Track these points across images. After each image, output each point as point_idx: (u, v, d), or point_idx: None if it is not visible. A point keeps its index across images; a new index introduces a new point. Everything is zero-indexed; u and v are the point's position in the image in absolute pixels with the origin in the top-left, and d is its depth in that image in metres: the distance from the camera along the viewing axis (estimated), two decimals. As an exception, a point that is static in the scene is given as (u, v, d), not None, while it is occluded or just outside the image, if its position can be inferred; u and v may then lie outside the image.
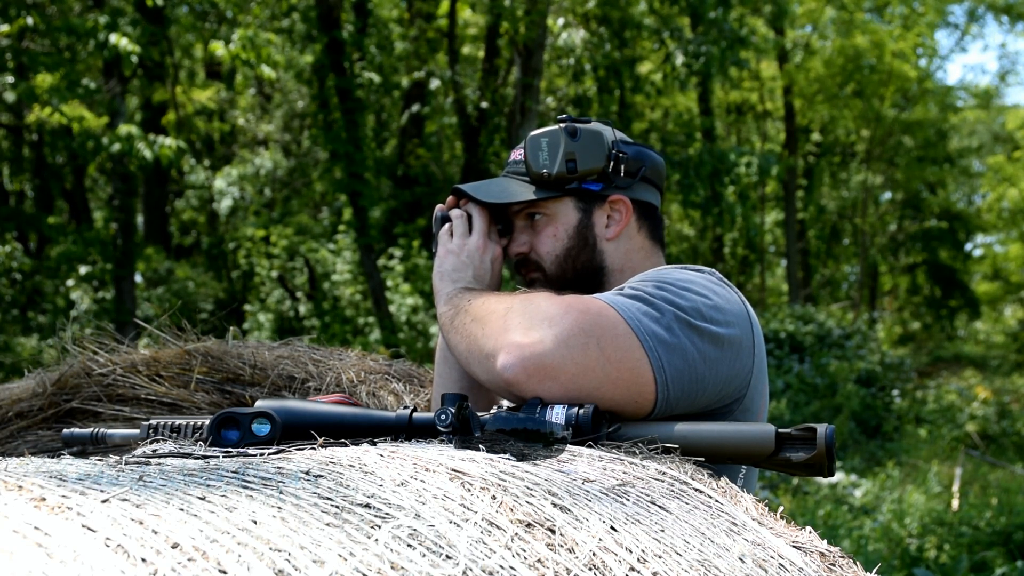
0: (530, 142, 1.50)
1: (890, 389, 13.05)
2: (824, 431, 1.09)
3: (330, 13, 11.03)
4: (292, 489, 0.76)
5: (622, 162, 1.51)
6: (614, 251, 1.54)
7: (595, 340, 1.18)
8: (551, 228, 1.52)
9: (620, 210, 1.53)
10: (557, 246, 1.52)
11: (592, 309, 1.21)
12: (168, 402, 2.12)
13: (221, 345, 2.25)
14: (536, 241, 1.53)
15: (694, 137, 15.86)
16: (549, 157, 1.48)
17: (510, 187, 1.52)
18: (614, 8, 12.21)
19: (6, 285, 11.67)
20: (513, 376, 1.17)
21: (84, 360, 2.17)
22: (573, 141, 1.48)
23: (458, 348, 1.32)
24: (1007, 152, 23.68)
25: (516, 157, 1.55)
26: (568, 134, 1.48)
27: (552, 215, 1.51)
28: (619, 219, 1.53)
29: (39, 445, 2.12)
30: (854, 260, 24.21)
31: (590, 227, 1.52)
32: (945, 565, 5.24)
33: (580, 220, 1.52)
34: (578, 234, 1.52)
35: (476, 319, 1.30)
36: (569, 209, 1.51)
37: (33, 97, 8.63)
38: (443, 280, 1.46)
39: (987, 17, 22.18)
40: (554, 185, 1.49)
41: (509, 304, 1.27)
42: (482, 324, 1.27)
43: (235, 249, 14.91)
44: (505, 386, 1.19)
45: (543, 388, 1.16)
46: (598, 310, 1.21)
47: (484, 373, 1.24)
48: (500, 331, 1.22)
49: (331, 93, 11.46)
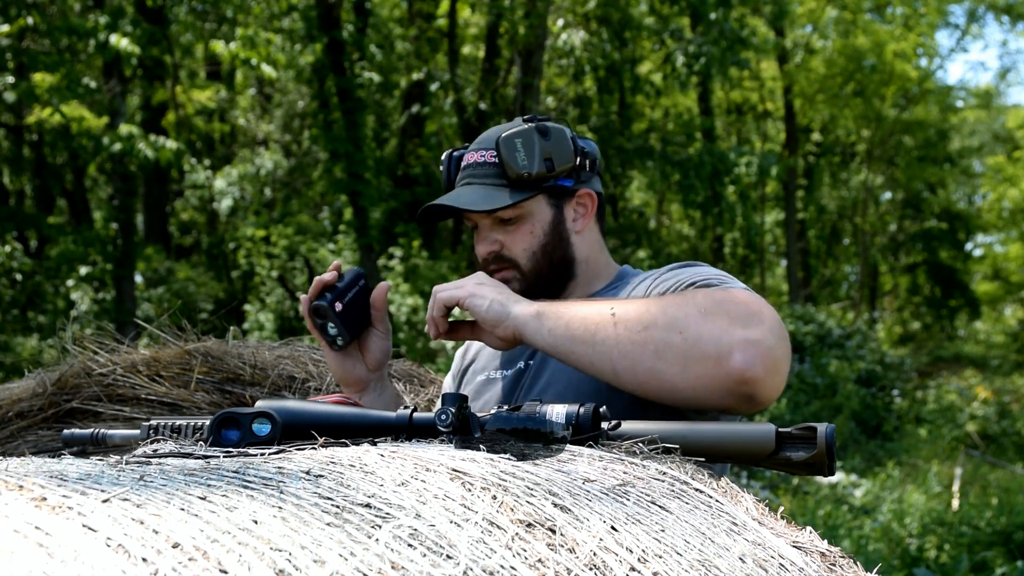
0: (504, 144, 1.49)
1: (890, 389, 13.05)
2: (824, 430, 1.09)
3: (330, 13, 11.03)
4: (293, 489, 0.76)
5: (587, 157, 1.55)
6: (581, 243, 1.58)
7: (784, 333, 1.25)
8: (527, 226, 1.53)
9: (586, 204, 1.58)
10: (534, 243, 1.53)
11: (763, 301, 1.27)
12: (168, 402, 2.12)
13: (221, 345, 2.25)
14: (510, 239, 1.53)
15: (694, 137, 15.86)
16: (527, 157, 1.49)
17: (483, 193, 1.51)
18: (614, 8, 12.21)
19: (6, 285, 11.67)
20: (754, 373, 1.18)
21: (84, 360, 2.17)
22: (546, 140, 1.50)
23: (634, 356, 1.25)
24: (1007, 152, 23.67)
25: (478, 159, 1.54)
26: (540, 133, 1.50)
27: (527, 213, 1.53)
28: (584, 212, 1.58)
29: (39, 445, 2.12)
30: (854, 260, 24.21)
31: (562, 222, 1.55)
32: (945, 565, 5.24)
33: (554, 216, 1.55)
34: (553, 230, 1.54)
35: (651, 324, 1.24)
36: (542, 206, 1.54)
37: (33, 97, 8.63)
38: (503, 305, 1.36)
39: (987, 17, 22.18)
40: (532, 184, 1.50)
41: (676, 303, 1.26)
42: (671, 328, 1.23)
43: (235, 249, 14.91)
44: (741, 384, 1.19)
45: (775, 383, 1.20)
46: (764, 303, 1.27)
47: (707, 375, 1.21)
48: (720, 330, 1.20)
49: (331, 93, 11.46)
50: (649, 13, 13.24)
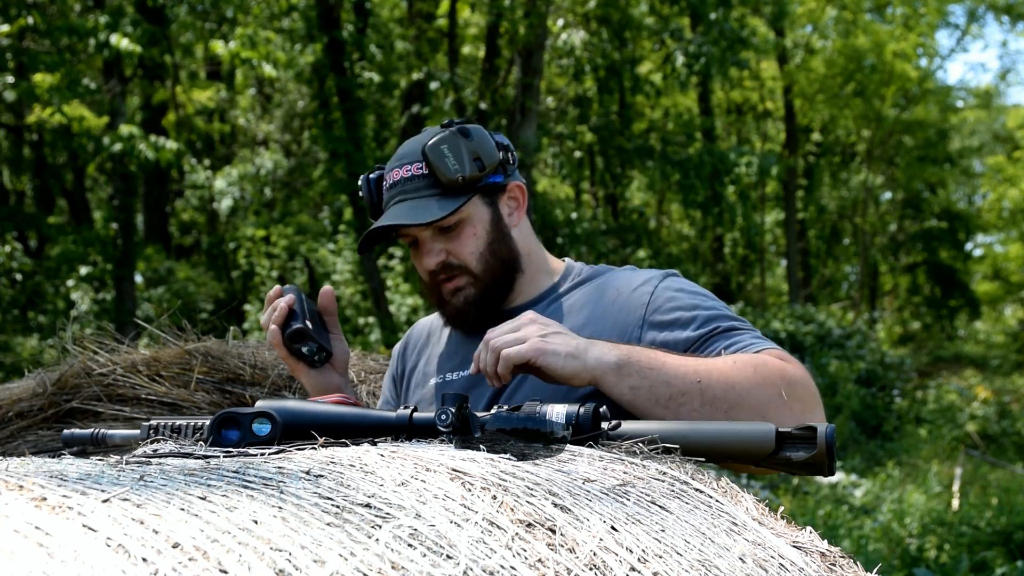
0: (432, 152, 1.48)
1: (890, 389, 13.06)
2: (824, 430, 1.09)
3: (330, 13, 11.03)
4: (293, 489, 0.76)
5: (508, 150, 1.55)
6: (520, 236, 1.59)
7: None
8: (469, 229, 1.52)
9: (517, 196, 1.59)
10: (480, 245, 1.53)
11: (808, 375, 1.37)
12: (168, 402, 2.13)
13: (221, 345, 2.25)
14: (455, 246, 1.52)
15: (694, 137, 15.86)
16: (457, 161, 1.48)
17: (421, 205, 1.49)
18: (614, 8, 12.21)
19: (6, 285, 11.66)
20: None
21: (84, 360, 2.17)
22: (470, 141, 1.50)
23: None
24: (1007, 152, 23.67)
25: (405, 175, 1.51)
26: (463, 135, 1.49)
27: (467, 217, 1.52)
28: (517, 205, 1.59)
29: (39, 445, 2.12)
30: (854, 260, 24.20)
31: (500, 219, 1.56)
32: (945, 565, 5.24)
33: (492, 214, 1.55)
34: (494, 228, 1.54)
35: (736, 405, 1.29)
36: (479, 207, 1.53)
37: (33, 97, 8.63)
38: (577, 359, 1.29)
39: (987, 17, 22.17)
40: (467, 187, 1.50)
41: (760, 383, 1.30)
42: (755, 413, 1.28)
43: (235, 249, 14.91)
44: None
45: None
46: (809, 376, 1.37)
47: None
48: (797, 417, 1.26)
49: (331, 93, 11.45)
50: (649, 13, 13.23)
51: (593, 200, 18.30)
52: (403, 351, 1.76)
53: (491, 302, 1.56)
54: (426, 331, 1.75)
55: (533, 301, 1.58)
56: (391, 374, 1.78)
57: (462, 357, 1.59)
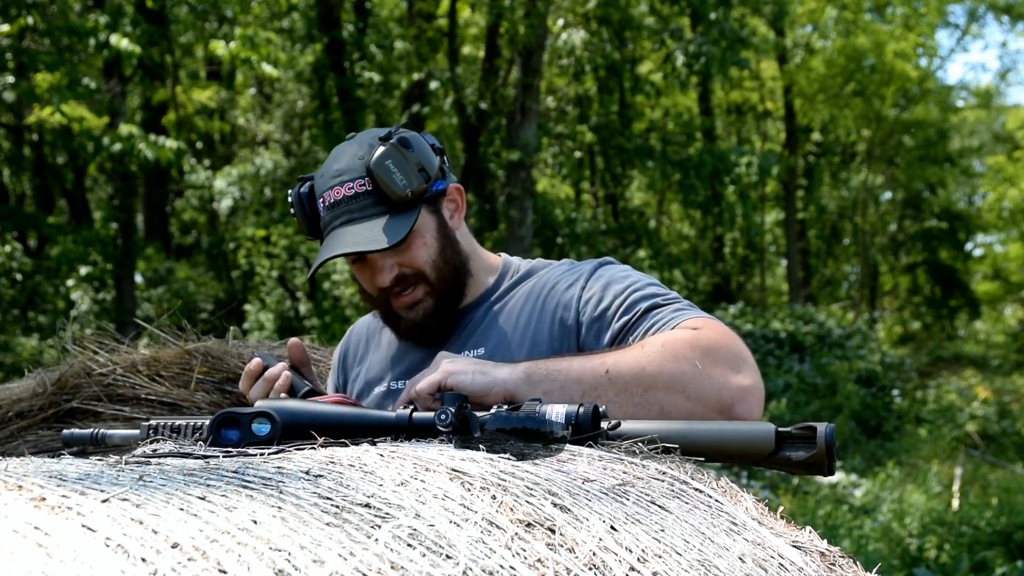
0: (378, 169, 1.45)
1: (890, 389, 13.05)
2: (824, 430, 1.09)
3: (330, 13, 11.03)
4: (292, 489, 0.76)
5: (442, 153, 1.55)
6: (463, 238, 1.59)
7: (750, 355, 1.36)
8: (419, 240, 1.51)
9: (456, 199, 1.58)
10: (432, 253, 1.52)
11: (730, 332, 1.37)
12: (168, 402, 2.13)
13: (221, 345, 2.25)
14: (408, 257, 1.51)
15: (694, 137, 15.86)
16: (404, 176, 1.46)
17: (373, 226, 1.46)
18: (614, 8, 12.20)
19: (6, 285, 11.66)
20: (754, 417, 1.29)
21: (84, 360, 2.17)
22: (412, 152, 1.47)
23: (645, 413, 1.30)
24: (1007, 152, 23.66)
25: (349, 193, 1.48)
26: (403, 146, 1.47)
27: (416, 228, 1.50)
28: (456, 208, 1.59)
29: (39, 445, 2.12)
30: (854, 260, 24.20)
31: (444, 224, 1.55)
32: (945, 565, 5.24)
33: (437, 221, 1.54)
34: (441, 235, 1.54)
35: (651, 386, 1.28)
36: (426, 216, 1.52)
37: (33, 97, 8.63)
38: (485, 374, 1.31)
39: (987, 17, 22.17)
40: (415, 201, 1.48)
41: (668, 358, 1.30)
42: (672, 388, 1.28)
43: (235, 249, 14.91)
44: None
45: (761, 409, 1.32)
46: (732, 333, 1.37)
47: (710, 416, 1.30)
48: (719, 384, 1.28)
49: (331, 93, 11.45)
50: (649, 13, 13.22)
51: (593, 200, 18.30)
52: (343, 360, 1.75)
53: (448, 308, 1.56)
54: (364, 336, 1.74)
55: (475, 302, 1.59)
56: (333, 384, 1.76)
57: (408, 365, 1.58)
